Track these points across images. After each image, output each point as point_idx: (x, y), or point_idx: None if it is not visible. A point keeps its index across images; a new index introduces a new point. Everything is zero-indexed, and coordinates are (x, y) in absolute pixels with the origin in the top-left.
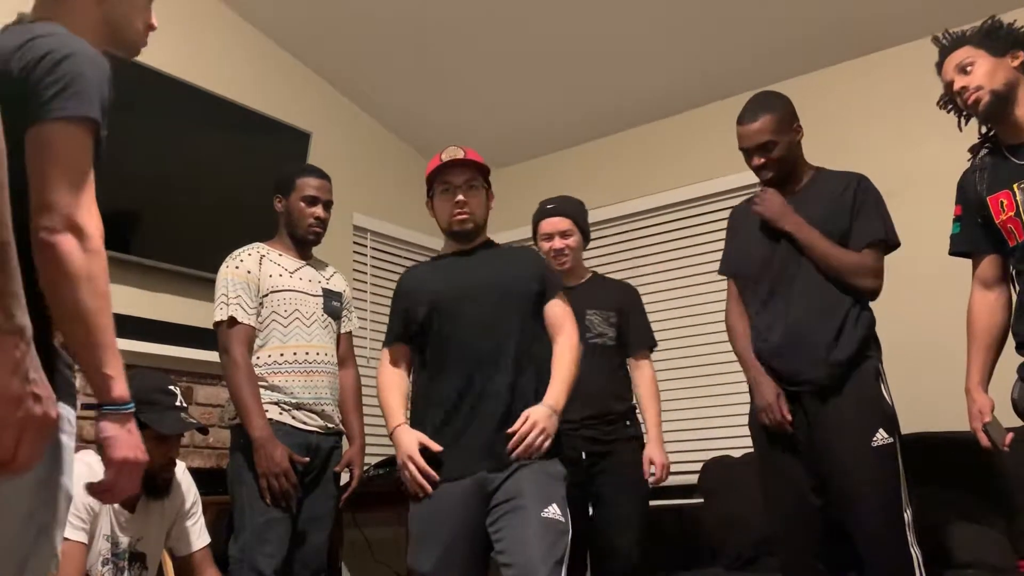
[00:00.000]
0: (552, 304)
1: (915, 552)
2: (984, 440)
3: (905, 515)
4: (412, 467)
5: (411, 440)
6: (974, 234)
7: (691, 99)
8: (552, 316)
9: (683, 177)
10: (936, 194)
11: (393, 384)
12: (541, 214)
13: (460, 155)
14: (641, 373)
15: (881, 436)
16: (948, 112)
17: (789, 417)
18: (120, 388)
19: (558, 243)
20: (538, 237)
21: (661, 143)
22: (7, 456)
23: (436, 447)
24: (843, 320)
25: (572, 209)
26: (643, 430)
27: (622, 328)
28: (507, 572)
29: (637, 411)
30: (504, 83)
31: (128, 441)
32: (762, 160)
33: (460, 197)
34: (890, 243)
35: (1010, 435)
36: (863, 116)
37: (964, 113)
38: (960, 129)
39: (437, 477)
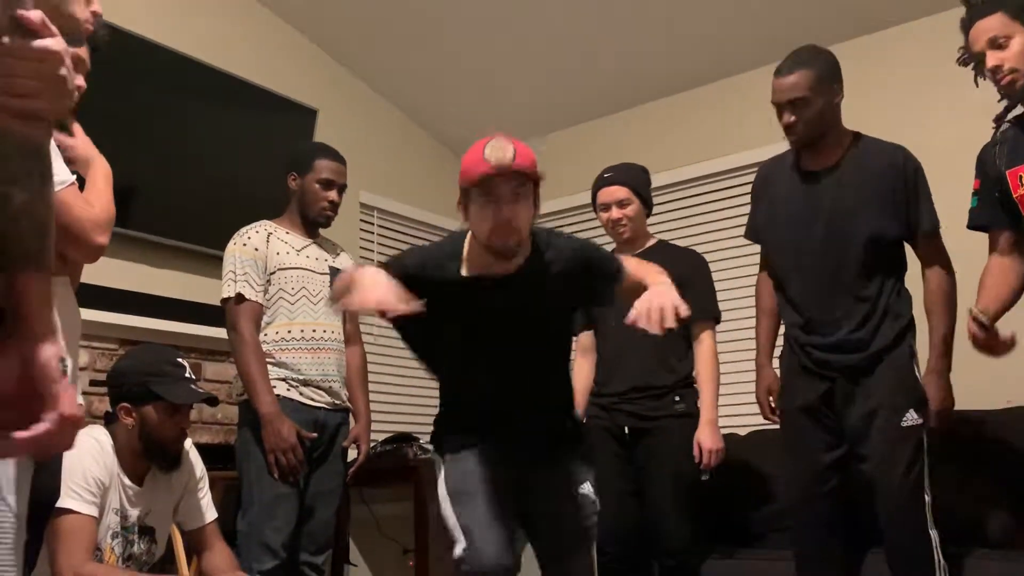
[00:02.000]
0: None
1: (933, 534)
2: (972, 327)
3: (926, 497)
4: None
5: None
6: (992, 208)
7: (711, 73)
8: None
9: (694, 154)
10: (951, 172)
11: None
12: (598, 183)
13: (508, 160)
14: (699, 347)
15: (912, 416)
16: (967, 67)
17: (776, 418)
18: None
19: (615, 213)
20: (596, 207)
21: (669, 119)
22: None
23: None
24: (884, 312)
25: (630, 177)
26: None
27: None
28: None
29: (695, 385)
30: (514, 60)
31: (68, 399)
32: (792, 119)
33: (505, 215)
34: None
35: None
36: (878, 91)
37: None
38: (976, 84)
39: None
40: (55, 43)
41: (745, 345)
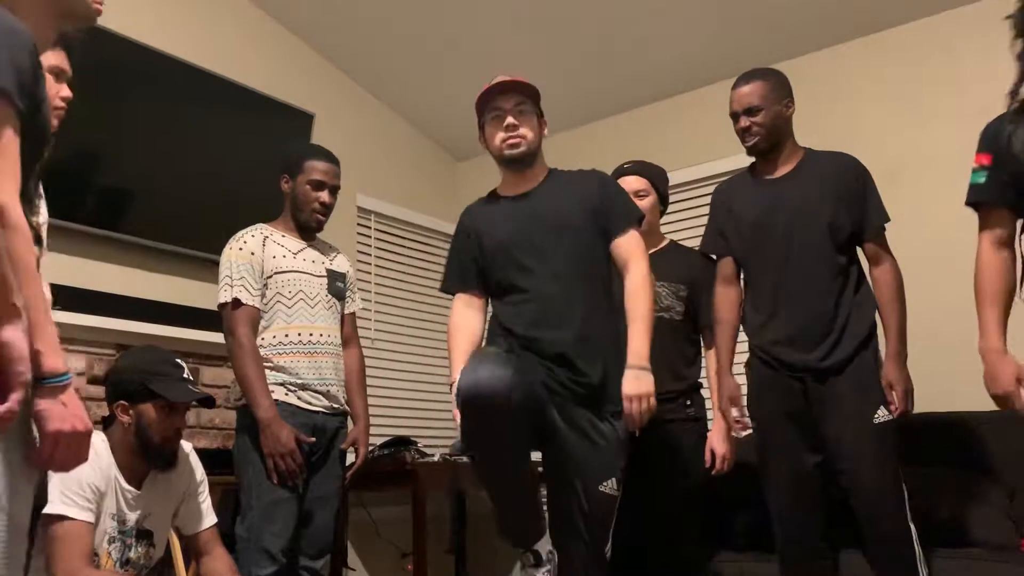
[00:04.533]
0: (616, 244)
1: (912, 527)
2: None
3: (904, 491)
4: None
5: None
6: (1000, 186)
7: (698, 78)
8: (617, 256)
9: (683, 159)
10: (938, 175)
11: (461, 335)
12: (617, 173)
13: (509, 79)
14: (712, 353)
15: (883, 413)
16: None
17: (739, 427)
18: (51, 362)
19: None
20: None
21: (663, 123)
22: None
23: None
24: (847, 316)
25: (650, 171)
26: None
27: (692, 302)
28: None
29: (704, 390)
30: (513, 60)
31: (61, 413)
32: (747, 123)
33: (510, 120)
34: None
35: None
36: (868, 95)
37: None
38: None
39: None
40: None
41: (739, 348)
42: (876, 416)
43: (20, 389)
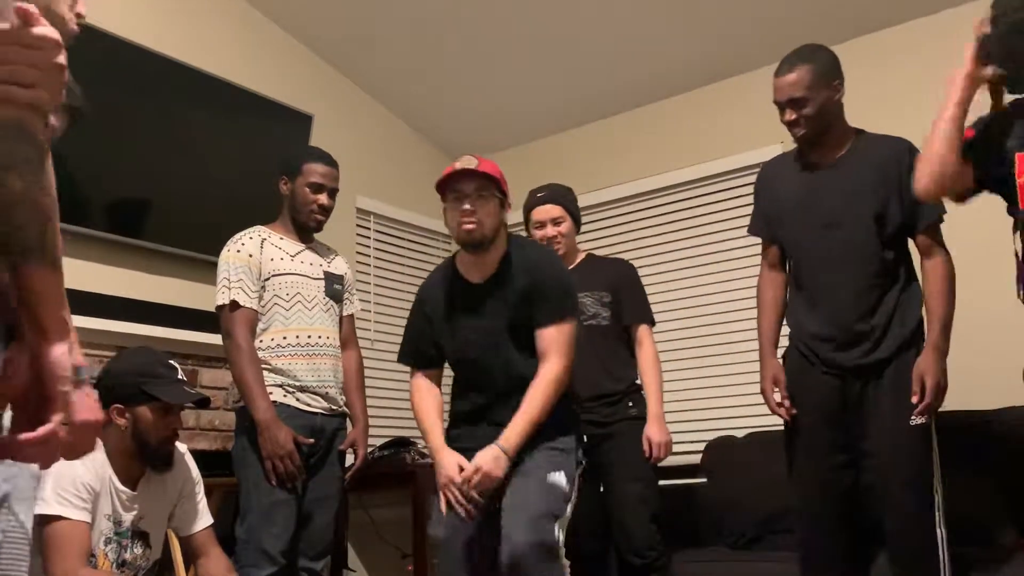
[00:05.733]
0: (540, 334)
1: (941, 532)
2: None
3: (936, 496)
4: (453, 489)
5: (451, 463)
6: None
7: (692, 79)
8: (538, 344)
9: (680, 159)
10: None
11: (428, 405)
12: (532, 202)
13: (473, 164)
14: (640, 350)
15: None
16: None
17: (782, 411)
18: (77, 355)
19: (550, 231)
20: (530, 225)
21: (660, 124)
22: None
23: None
24: (890, 316)
25: (562, 196)
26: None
27: (616, 307)
28: (503, 517)
29: (643, 392)
30: (509, 65)
31: (88, 404)
32: (793, 116)
33: (467, 206)
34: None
35: None
36: (868, 95)
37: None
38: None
39: (480, 501)
40: (53, 31)
41: (738, 348)
42: (913, 418)
43: (64, 410)
